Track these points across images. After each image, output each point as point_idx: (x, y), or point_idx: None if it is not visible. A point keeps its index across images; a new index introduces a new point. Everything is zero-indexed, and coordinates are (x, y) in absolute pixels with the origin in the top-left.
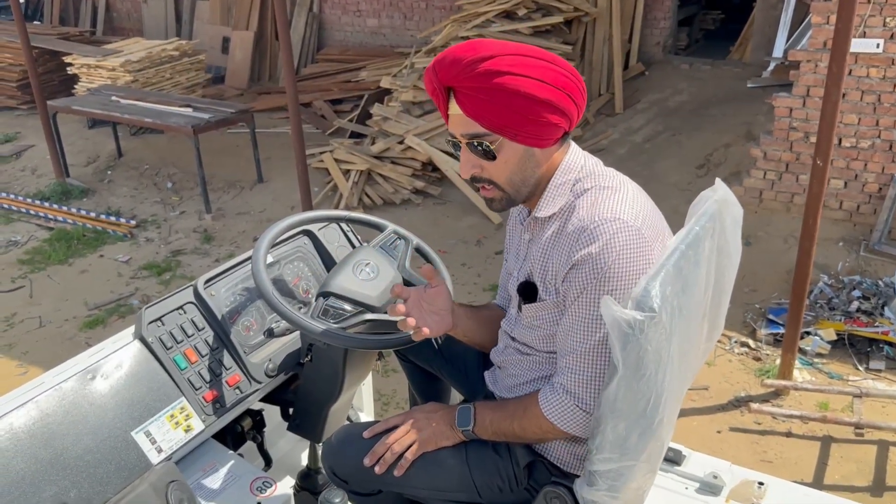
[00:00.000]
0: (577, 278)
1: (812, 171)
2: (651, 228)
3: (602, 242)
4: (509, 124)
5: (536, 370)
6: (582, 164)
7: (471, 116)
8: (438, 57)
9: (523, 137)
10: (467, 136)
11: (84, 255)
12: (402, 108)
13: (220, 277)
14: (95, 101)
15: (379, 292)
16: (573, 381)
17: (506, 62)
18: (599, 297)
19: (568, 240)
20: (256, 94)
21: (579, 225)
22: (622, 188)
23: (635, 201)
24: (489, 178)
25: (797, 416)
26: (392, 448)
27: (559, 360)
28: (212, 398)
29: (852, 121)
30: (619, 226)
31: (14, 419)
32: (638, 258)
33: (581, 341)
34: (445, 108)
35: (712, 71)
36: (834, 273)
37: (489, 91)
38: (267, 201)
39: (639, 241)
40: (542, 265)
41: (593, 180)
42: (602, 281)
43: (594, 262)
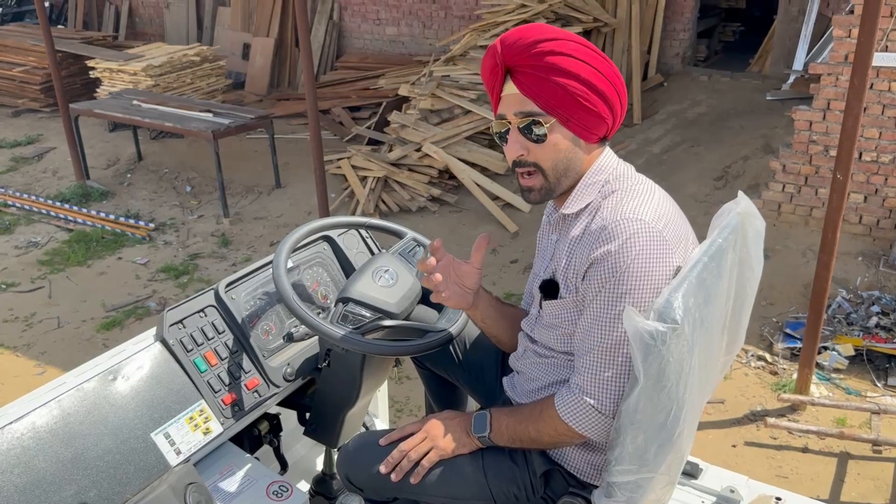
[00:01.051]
0: (595, 276)
1: (832, 184)
2: (674, 233)
3: (621, 241)
4: (563, 106)
5: (555, 373)
6: (614, 167)
7: (528, 94)
8: (503, 36)
9: (574, 124)
10: (521, 114)
11: (102, 256)
12: (420, 116)
13: (241, 281)
14: (117, 104)
15: (398, 299)
16: (590, 381)
17: (569, 47)
18: (617, 295)
19: (590, 238)
20: (275, 99)
21: (601, 223)
22: (648, 192)
23: (660, 205)
24: (535, 162)
25: (814, 432)
26: (408, 455)
27: (577, 360)
28: (230, 401)
29: (873, 135)
30: (639, 226)
31: (36, 418)
32: (657, 260)
33: (599, 340)
34: (499, 90)
35: (731, 83)
36: (852, 288)
37: (549, 69)
38: (284, 206)
39: (659, 243)
40: (566, 263)
41: (621, 183)
42: (620, 280)
43: (612, 261)
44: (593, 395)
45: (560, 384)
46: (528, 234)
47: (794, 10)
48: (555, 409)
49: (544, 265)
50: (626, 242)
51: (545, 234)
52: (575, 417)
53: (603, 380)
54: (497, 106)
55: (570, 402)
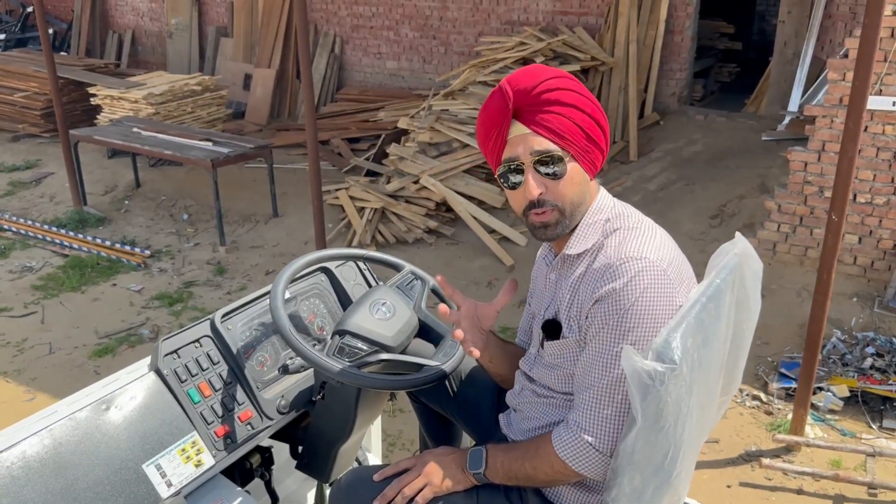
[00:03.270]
0: (598, 313)
1: (827, 225)
2: (677, 272)
3: (626, 279)
4: (576, 140)
5: (553, 414)
6: (612, 206)
7: (542, 133)
8: (509, 79)
9: (584, 159)
10: (536, 153)
11: (97, 283)
12: (419, 149)
13: (236, 312)
14: (117, 131)
15: (395, 332)
16: (589, 418)
17: (569, 83)
18: (620, 333)
19: (594, 276)
20: (275, 130)
21: (605, 262)
22: (650, 231)
23: (662, 244)
24: (553, 200)
25: (809, 473)
26: (403, 492)
27: (576, 397)
28: (223, 433)
29: (868, 177)
30: (644, 265)
31: (27, 447)
32: (661, 298)
33: (599, 377)
34: (505, 133)
35: (727, 123)
36: (847, 329)
37: (559, 105)
38: (281, 236)
39: (664, 281)
40: (569, 303)
41: (623, 221)
42: (624, 318)
43: (617, 298)
44: (592, 433)
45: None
46: (523, 267)
47: (789, 52)
48: (552, 446)
49: (544, 305)
50: (630, 281)
51: (542, 273)
52: (572, 455)
53: (602, 417)
54: (501, 151)
55: (567, 439)
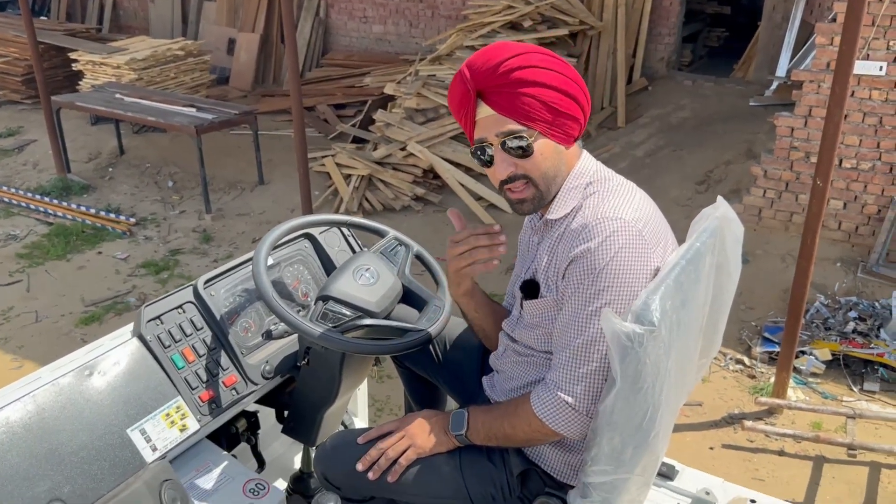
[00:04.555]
0: (574, 273)
1: (812, 190)
2: (653, 233)
3: (601, 239)
4: (542, 117)
5: (534, 372)
6: (594, 170)
7: (505, 113)
8: (468, 62)
9: (554, 132)
10: (502, 134)
11: (82, 251)
12: (406, 115)
13: (220, 278)
14: (99, 97)
15: (378, 298)
16: (566, 378)
17: (533, 59)
18: (594, 292)
19: (570, 237)
20: (260, 96)
21: (581, 222)
22: (629, 192)
23: (640, 206)
24: (525, 174)
25: (790, 435)
26: (386, 453)
27: (553, 357)
28: (208, 398)
29: (853, 142)
30: (619, 225)
31: (10, 413)
32: (635, 259)
33: (575, 337)
34: (472, 115)
35: (715, 88)
36: (831, 293)
37: (521, 84)
38: (267, 203)
39: (638, 242)
40: (547, 263)
41: (602, 184)
42: (598, 277)
43: (592, 258)
44: (569, 392)
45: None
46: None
47: (777, 17)
48: (530, 405)
49: (525, 266)
50: (605, 240)
51: (526, 237)
52: (549, 414)
53: (578, 376)
54: (472, 132)
55: (545, 398)
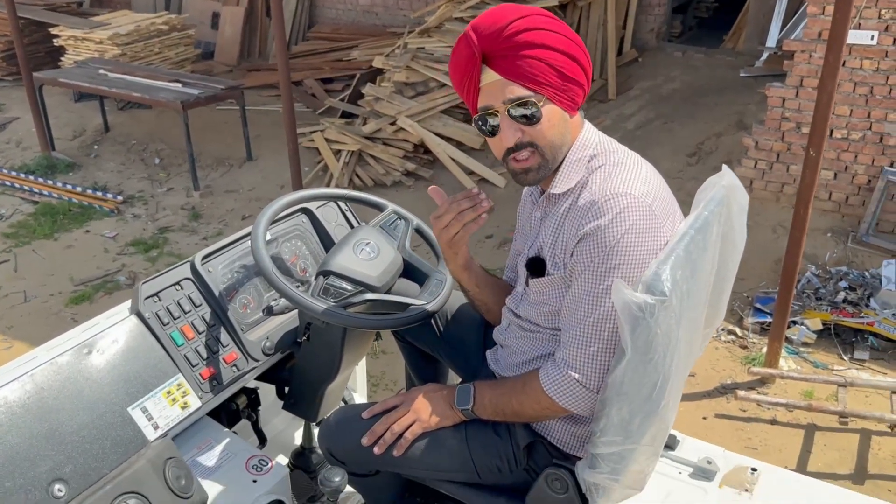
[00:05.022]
0: (584, 251)
1: (805, 161)
2: (662, 207)
3: (611, 216)
4: (549, 81)
5: (540, 348)
6: (597, 141)
7: (512, 78)
8: (473, 24)
9: (561, 98)
10: (509, 101)
11: (70, 230)
12: (395, 89)
13: (217, 254)
14: (83, 73)
15: (379, 272)
16: (575, 355)
17: (539, 21)
18: (605, 270)
19: (578, 213)
20: (246, 70)
21: (590, 199)
22: (635, 165)
23: (648, 179)
24: (532, 141)
25: (783, 404)
26: (391, 428)
27: (562, 335)
28: (209, 375)
29: (844, 112)
30: (629, 201)
31: (8, 393)
32: (647, 234)
33: (585, 315)
34: (476, 81)
35: (705, 59)
36: (821, 263)
37: (529, 47)
38: (256, 180)
39: (649, 217)
40: (553, 240)
41: (607, 157)
42: (609, 255)
43: (602, 236)
44: (578, 370)
45: (545, 358)
46: (502, 209)
47: None
48: (539, 382)
49: (528, 243)
50: (616, 217)
51: (526, 211)
52: (559, 392)
53: (589, 354)
54: (475, 99)
55: (554, 376)
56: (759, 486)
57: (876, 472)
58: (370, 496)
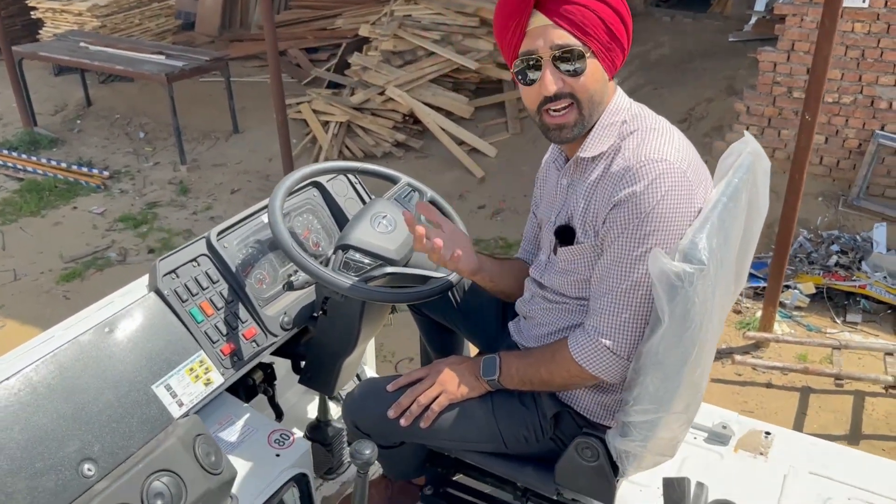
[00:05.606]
0: (618, 218)
1: (800, 125)
2: (695, 173)
3: (647, 182)
4: (598, 35)
5: (566, 319)
6: (628, 107)
7: (564, 24)
8: None
9: (604, 56)
10: (556, 47)
11: (57, 206)
12: (382, 58)
13: (231, 229)
14: (63, 47)
15: (397, 245)
16: (607, 323)
17: None
18: (640, 237)
19: (612, 180)
20: (228, 41)
21: (624, 165)
22: (668, 132)
23: (681, 145)
24: (573, 93)
25: (779, 368)
26: (418, 400)
27: (592, 303)
28: (229, 351)
29: (835, 76)
30: (665, 167)
31: (32, 374)
32: (682, 201)
33: (618, 282)
34: (525, 23)
35: (694, 24)
36: (813, 228)
37: None
38: (244, 153)
39: (683, 183)
40: (584, 208)
41: (640, 122)
42: (644, 221)
43: (637, 202)
44: (610, 337)
45: (571, 329)
46: (494, 179)
47: None
48: (568, 351)
49: (555, 211)
50: (651, 183)
51: (550, 178)
52: (589, 359)
53: (620, 321)
54: (518, 43)
55: (584, 344)
56: (773, 450)
57: (870, 433)
58: (393, 467)
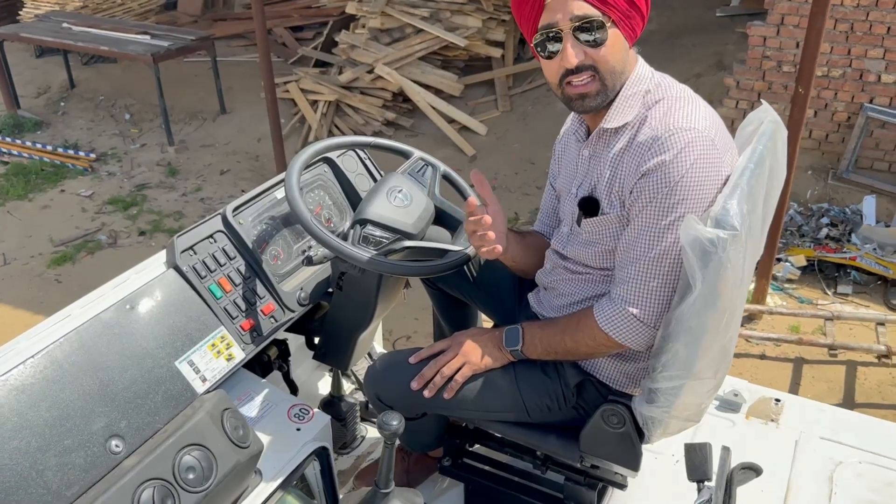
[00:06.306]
0: (646, 187)
1: (793, 98)
2: (723, 141)
3: (676, 151)
4: (616, 3)
5: (589, 289)
6: (651, 77)
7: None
8: None
9: (625, 25)
10: (576, 18)
11: (44, 190)
12: (370, 36)
13: (246, 206)
14: (45, 27)
15: (414, 219)
16: (634, 291)
17: None
18: (669, 206)
19: (639, 150)
20: (212, 20)
21: (651, 134)
22: (694, 100)
23: (707, 113)
24: (594, 64)
25: (773, 339)
26: (441, 371)
27: (618, 272)
28: (249, 327)
29: (825, 49)
30: (693, 135)
31: (57, 351)
32: (710, 169)
33: (646, 251)
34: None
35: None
36: (803, 201)
37: None
38: (232, 133)
39: (712, 151)
40: (610, 178)
41: (664, 91)
42: (674, 190)
43: (666, 171)
44: (637, 305)
45: (595, 299)
46: (485, 157)
47: None
48: (594, 319)
49: (576, 182)
50: (681, 152)
51: (570, 150)
52: (616, 328)
53: (648, 290)
54: (538, 16)
55: (610, 312)
56: (784, 416)
57: (863, 401)
58: (413, 439)
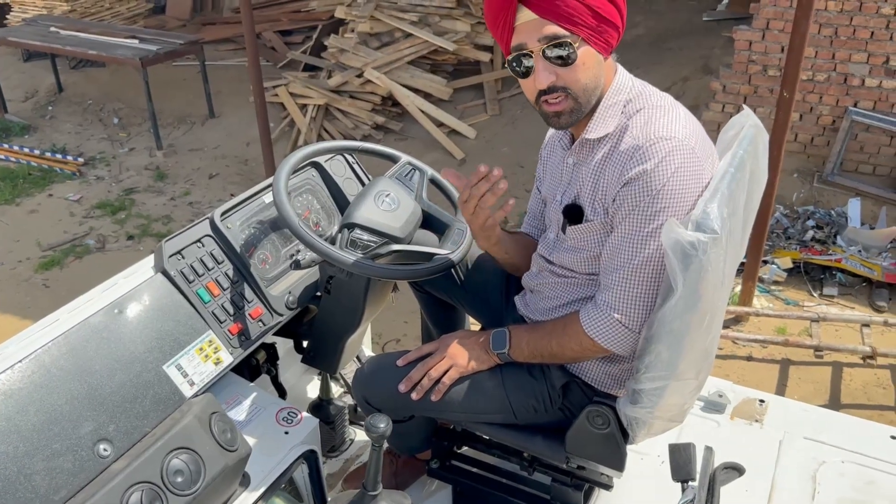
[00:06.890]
0: (629, 195)
1: (778, 101)
2: (703, 148)
3: (657, 160)
4: (585, 22)
5: (575, 292)
6: (631, 86)
7: (548, 17)
8: None
9: (596, 40)
10: (544, 39)
11: (31, 194)
12: (359, 40)
13: (235, 210)
14: (33, 32)
15: (402, 223)
16: (618, 297)
17: None
18: (651, 214)
19: (621, 159)
20: (200, 24)
21: (633, 143)
22: (674, 108)
23: (687, 121)
24: (565, 86)
25: (760, 340)
26: (429, 374)
27: (603, 278)
28: (237, 331)
29: (809, 53)
30: (674, 144)
31: (45, 356)
32: (691, 177)
33: (630, 258)
34: (512, 19)
35: (669, 3)
36: (789, 203)
37: None
38: (220, 137)
39: (692, 159)
40: (592, 186)
41: (644, 100)
42: (655, 198)
43: (648, 179)
44: (621, 311)
45: (581, 302)
46: (474, 160)
47: None
48: (580, 324)
49: (560, 189)
50: (662, 161)
51: (555, 156)
52: (601, 333)
53: (632, 296)
54: (509, 38)
55: (595, 318)
56: (768, 417)
57: (849, 402)
58: (401, 442)
